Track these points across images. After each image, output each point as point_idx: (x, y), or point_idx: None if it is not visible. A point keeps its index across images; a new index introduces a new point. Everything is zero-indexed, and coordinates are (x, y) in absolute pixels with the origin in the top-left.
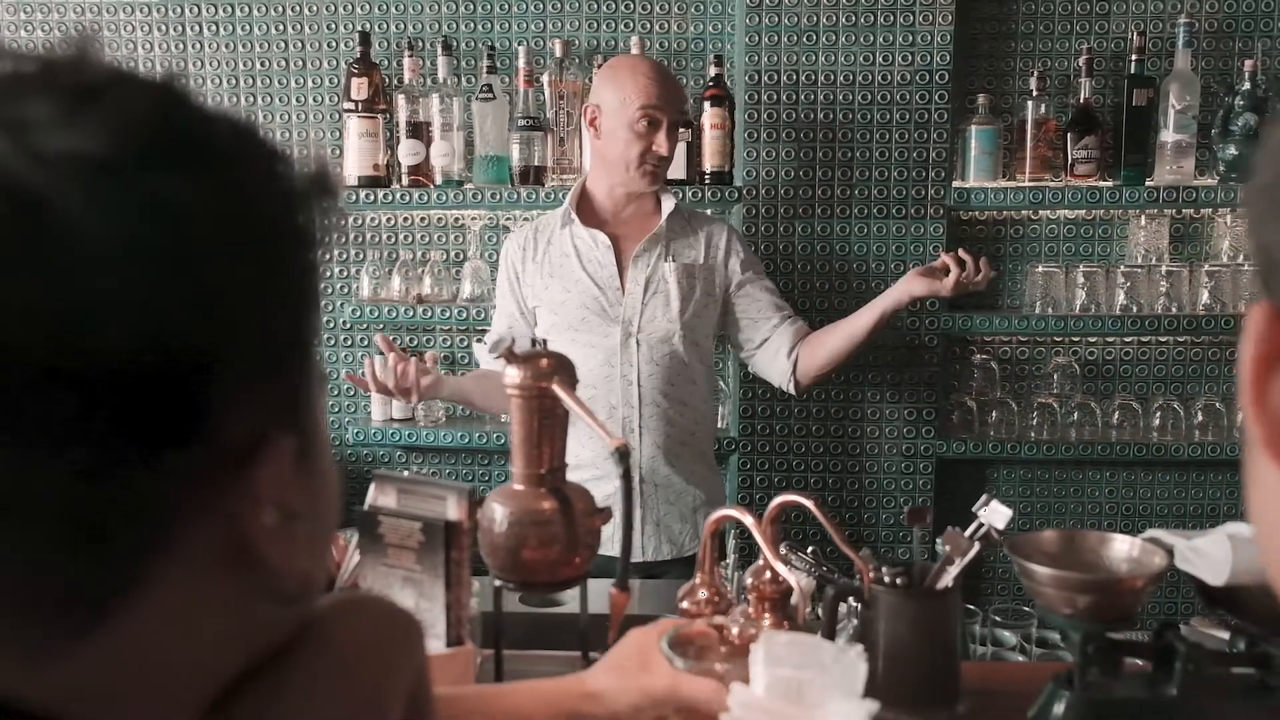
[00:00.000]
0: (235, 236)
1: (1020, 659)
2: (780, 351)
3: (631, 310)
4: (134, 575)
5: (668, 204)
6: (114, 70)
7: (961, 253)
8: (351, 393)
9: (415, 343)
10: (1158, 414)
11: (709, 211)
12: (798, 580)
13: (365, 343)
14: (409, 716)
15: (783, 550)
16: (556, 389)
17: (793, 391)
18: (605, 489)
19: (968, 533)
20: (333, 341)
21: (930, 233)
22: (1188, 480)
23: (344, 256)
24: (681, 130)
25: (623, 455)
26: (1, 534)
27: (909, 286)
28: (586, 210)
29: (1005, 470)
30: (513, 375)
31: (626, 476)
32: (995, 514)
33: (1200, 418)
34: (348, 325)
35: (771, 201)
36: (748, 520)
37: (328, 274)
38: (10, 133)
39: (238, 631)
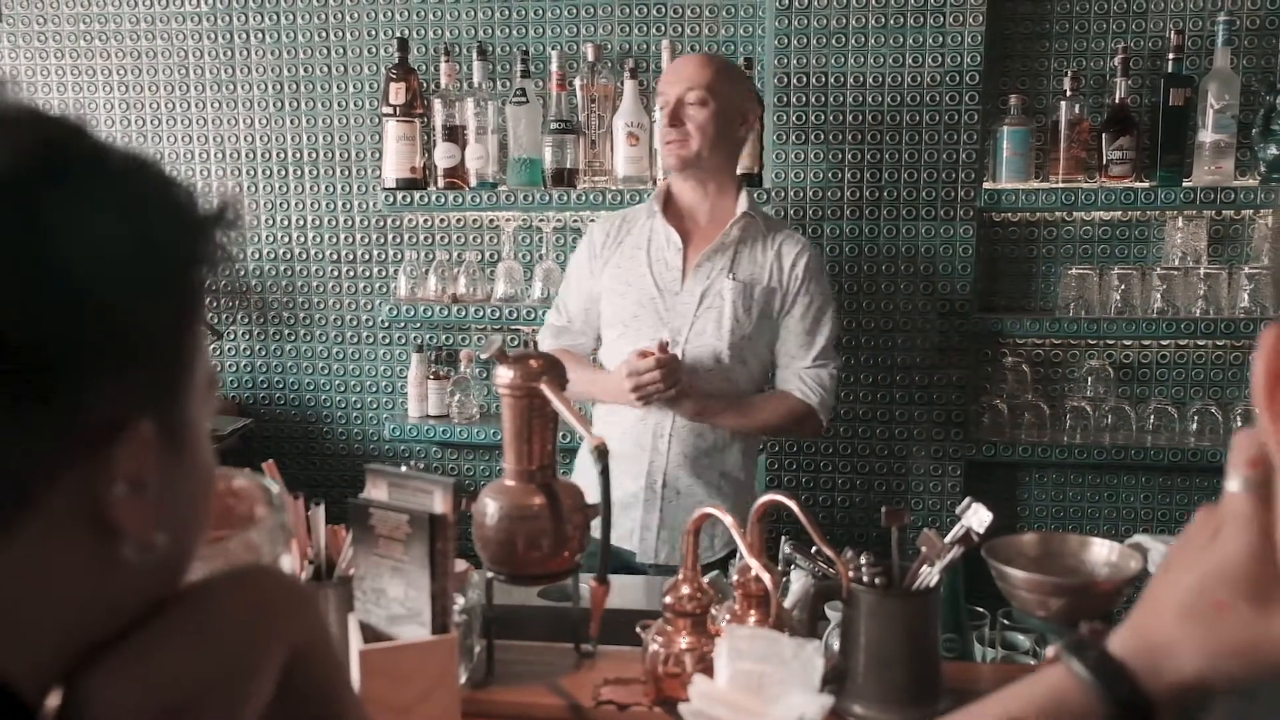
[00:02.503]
0: (115, 249)
1: (1033, 663)
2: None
3: (681, 320)
4: (2, 522)
5: (741, 205)
6: (21, 106)
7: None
8: (389, 390)
9: (451, 341)
10: (1195, 418)
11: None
12: (772, 578)
13: (402, 340)
14: (291, 684)
15: (787, 550)
16: (544, 389)
17: None
18: (630, 487)
19: (949, 537)
20: (371, 340)
21: (961, 234)
22: None
23: (382, 257)
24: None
25: (601, 454)
26: None
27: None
28: (671, 209)
29: (1036, 474)
30: (504, 375)
31: (605, 474)
32: (975, 516)
33: (1239, 423)
34: (385, 324)
35: (800, 203)
36: (727, 520)
37: (366, 274)
38: None
39: (102, 591)
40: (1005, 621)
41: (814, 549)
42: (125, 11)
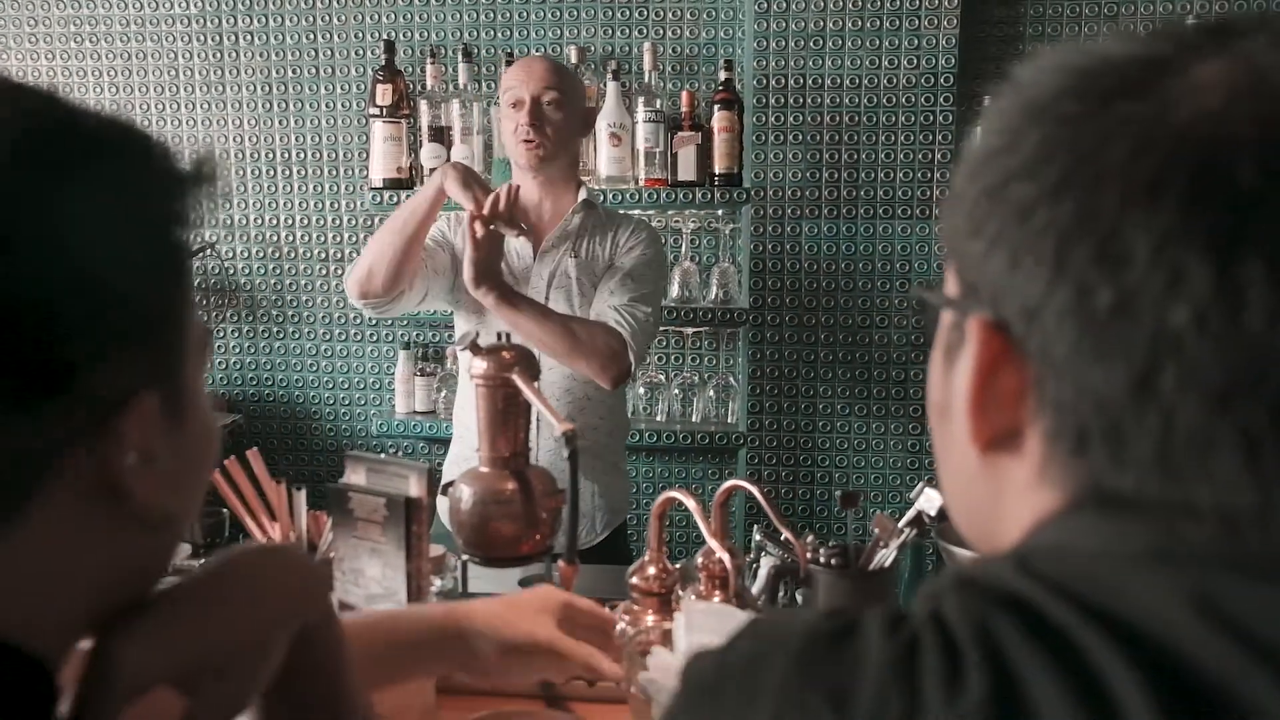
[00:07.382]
0: (104, 217)
1: None
2: None
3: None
4: (19, 498)
5: (580, 197)
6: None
7: None
8: (376, 387)
9: (437, 338)
10: None
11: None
12: (733, 560)
13: (389, 337)
14: (300, 660)
15: (758, 538)
16: (517, 379)
17: None
18: None
19: (902, 520)
20: (358, 337)
21: (936, 233)
22: None
23: None
24: (691, 133)
25: (569, 439)
26: None
27: None
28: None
29: None
30: (478, 366)
31: (573, 458)
32: (928, 499)
33: None
34: (372, 321)
35: (780, 203)
36: (690, 503)
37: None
38: None
39: (116, 556)
40: None
41: (783, 537)
42: (115, 14)
